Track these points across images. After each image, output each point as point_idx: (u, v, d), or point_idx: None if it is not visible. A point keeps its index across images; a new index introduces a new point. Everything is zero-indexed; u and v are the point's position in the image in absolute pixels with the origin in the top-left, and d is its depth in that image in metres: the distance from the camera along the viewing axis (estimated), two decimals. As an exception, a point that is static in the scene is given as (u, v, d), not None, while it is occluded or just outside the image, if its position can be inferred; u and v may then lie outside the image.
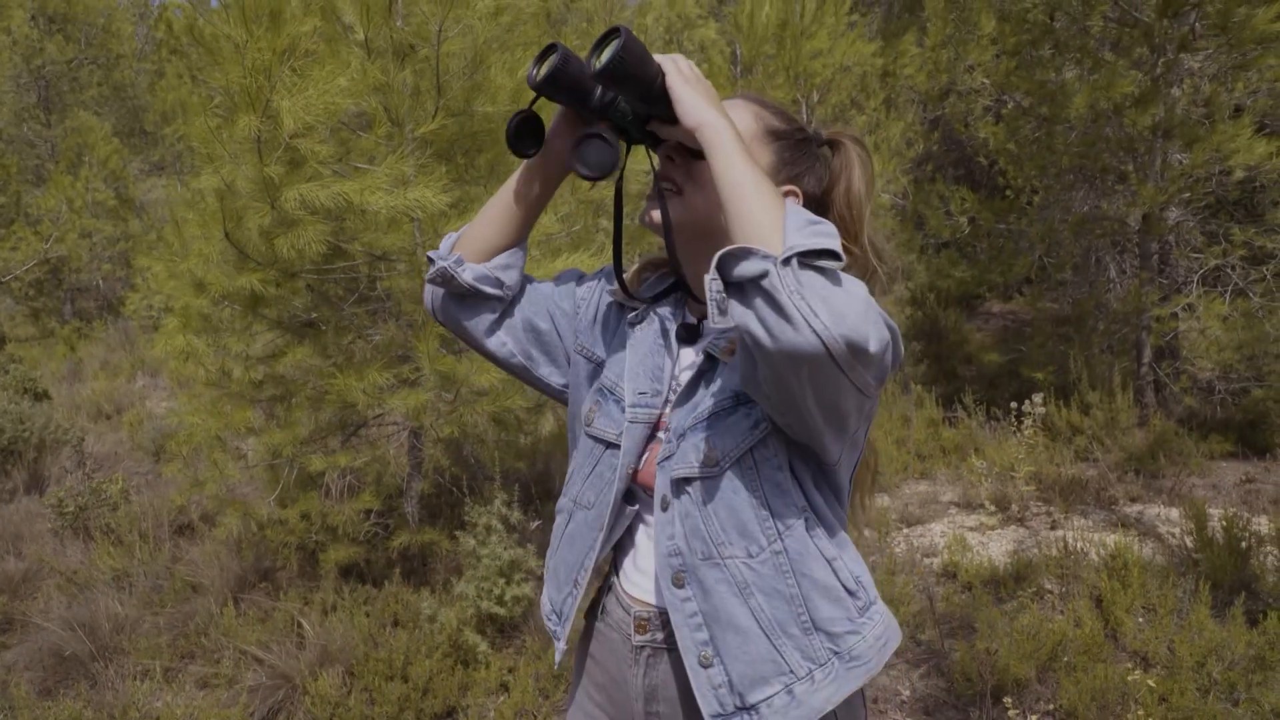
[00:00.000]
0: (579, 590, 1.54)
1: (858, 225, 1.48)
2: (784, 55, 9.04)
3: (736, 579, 1.37)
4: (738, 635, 1.36)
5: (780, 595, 1.37)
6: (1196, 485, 5.84)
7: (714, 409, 1.40)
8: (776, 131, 1.49)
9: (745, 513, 1.37)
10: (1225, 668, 3.39)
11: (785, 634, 1.37)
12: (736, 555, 1.37)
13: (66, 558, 5.45)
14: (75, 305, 16.77)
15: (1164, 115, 6.74)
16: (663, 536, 1.41)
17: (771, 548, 1.37)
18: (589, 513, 1.52)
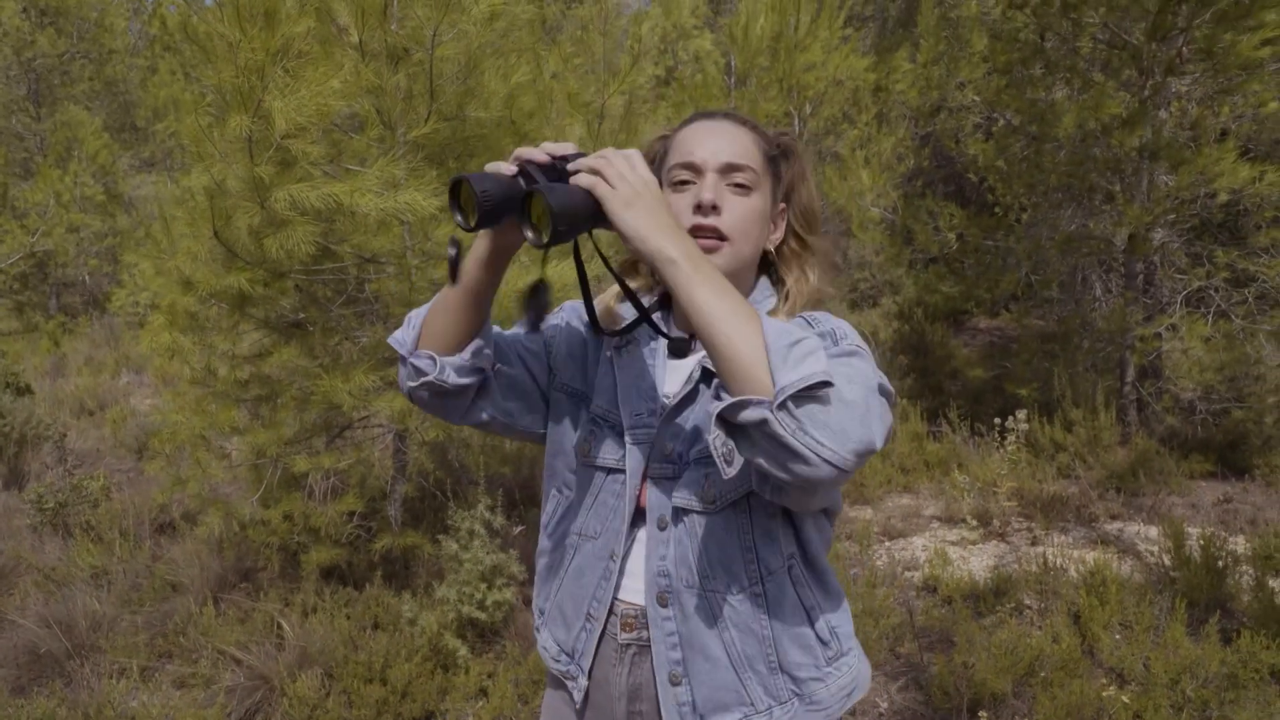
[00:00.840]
0: (595, 624, 1.51)
1: (817, 221, 1.56)
2: (778, 67, 9.08)
3: (715, 611, 1.44)
4: (708, 662, 1.44)
5: (753, 634, 1.44)
6: (1176, 504, 5.88)
7: None
8: (769, 154, 1.51)
9: (732, 552, 1.44)
10: (1199, 685, 3.42)
11: (752, 669, 1.45)
12: (719, 590, 1.44)
13: (45, 554, 5.42)
14: (60, 300, 16.68)
15: (1151, 137, 6.80)
16: (654, 555, 1.46)
17: (752, 589, 1.44)
18: (596, 542, 1.52)
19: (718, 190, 1.43)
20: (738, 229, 1.44)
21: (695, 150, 1.47)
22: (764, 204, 1.49)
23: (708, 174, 1.44)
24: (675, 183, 1.47)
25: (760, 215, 1.48)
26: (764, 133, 1.54)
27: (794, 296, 1.50)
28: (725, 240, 1.43)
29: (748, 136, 1.50)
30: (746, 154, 1.47)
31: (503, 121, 4.53)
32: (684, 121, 1.55)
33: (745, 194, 1.45)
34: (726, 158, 1.45)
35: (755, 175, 1.47)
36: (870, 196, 8.97)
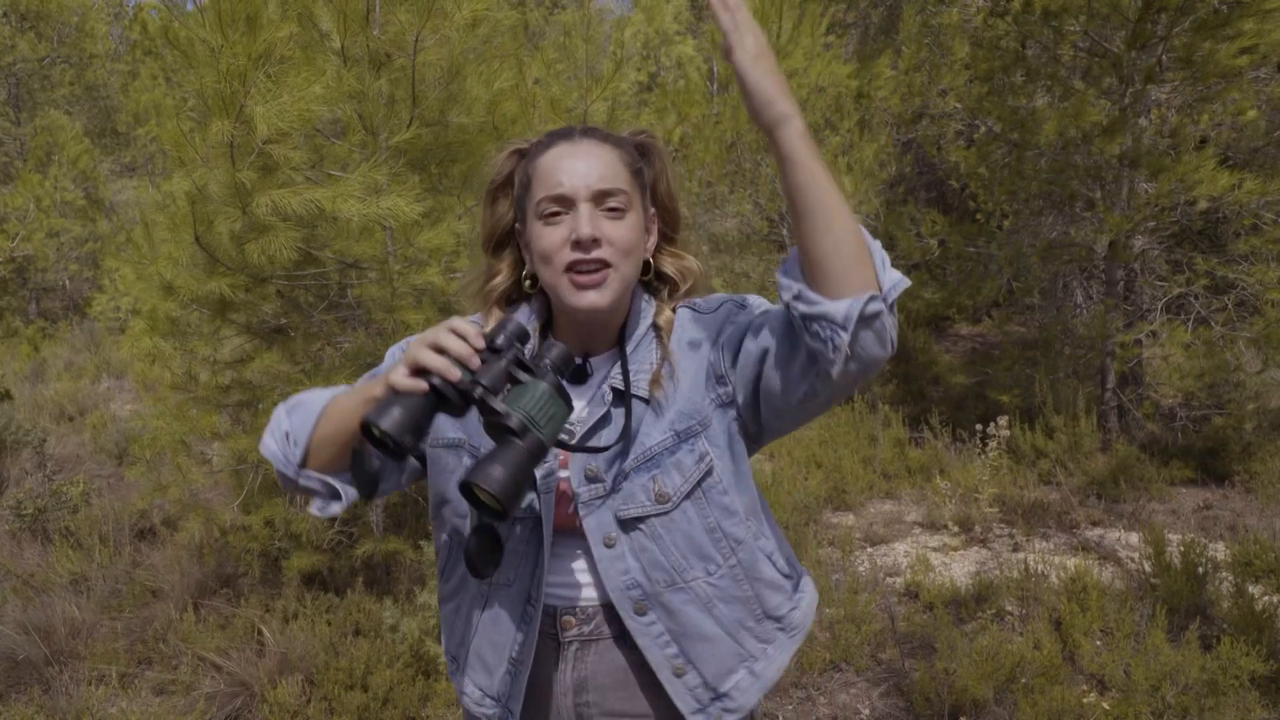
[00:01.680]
0: (521, 666, 1.48)
1: (678, 219, 1.55)
2: (760, 74, 9.09)
3: (701, 596, 1.47)
4: (706, 643, 1.47)
5: (738, 600, 1.50)
6: (1157, 511, 5.92)
7: (656, 449, 1.44)
8: (633, 167, 1.48)
9: (700, 538, 1.46)
10: (1179, 692, 3.44)
11: (744, 628, 1.50)
12: (698, 576, 1.47)
13: (24, 560, 5.37)
14: (40, 305, 16.59)
15: (1131, 144, 6.86)
16: (614, 572, 1.45)
17: (728, 563, 1.49)
18: (510, 589, 1.48)
19: (594, 222, 1.39)
20: (620, 253, 1.41)
21: (563, 179, 1.40)
22: (639, 219, 1.45)
23: (580, 204, 1.39)
24: (545, 215, 1.41)
25: (638, 232, 1.45)
26: (624, 142, 1.49)
27: (681, 285, 1.52)
28: (610, 266, 1.39)
29: (612, 154, 1.45)
30: (615, 175, 1.43)
31: (485, 127, 4.53)
32: (541, 144, 1.48)
33: (620, 216, 1.41)
34: (598, 184, 1.40)
35: (627, 196, 1.43)
36: (852, 203, 8.99)
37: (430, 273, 4.31)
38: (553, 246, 1.39)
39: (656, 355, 1.47)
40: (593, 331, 1.49)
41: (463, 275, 3.63)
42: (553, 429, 1.25)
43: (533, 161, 1.46)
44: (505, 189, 1.52)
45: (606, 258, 1.38)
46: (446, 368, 1.22)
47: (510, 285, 1.54)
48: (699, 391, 1.46)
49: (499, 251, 1.55)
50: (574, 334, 1.49)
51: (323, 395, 1.45)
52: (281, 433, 1.42)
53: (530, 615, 1.47)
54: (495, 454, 1.21)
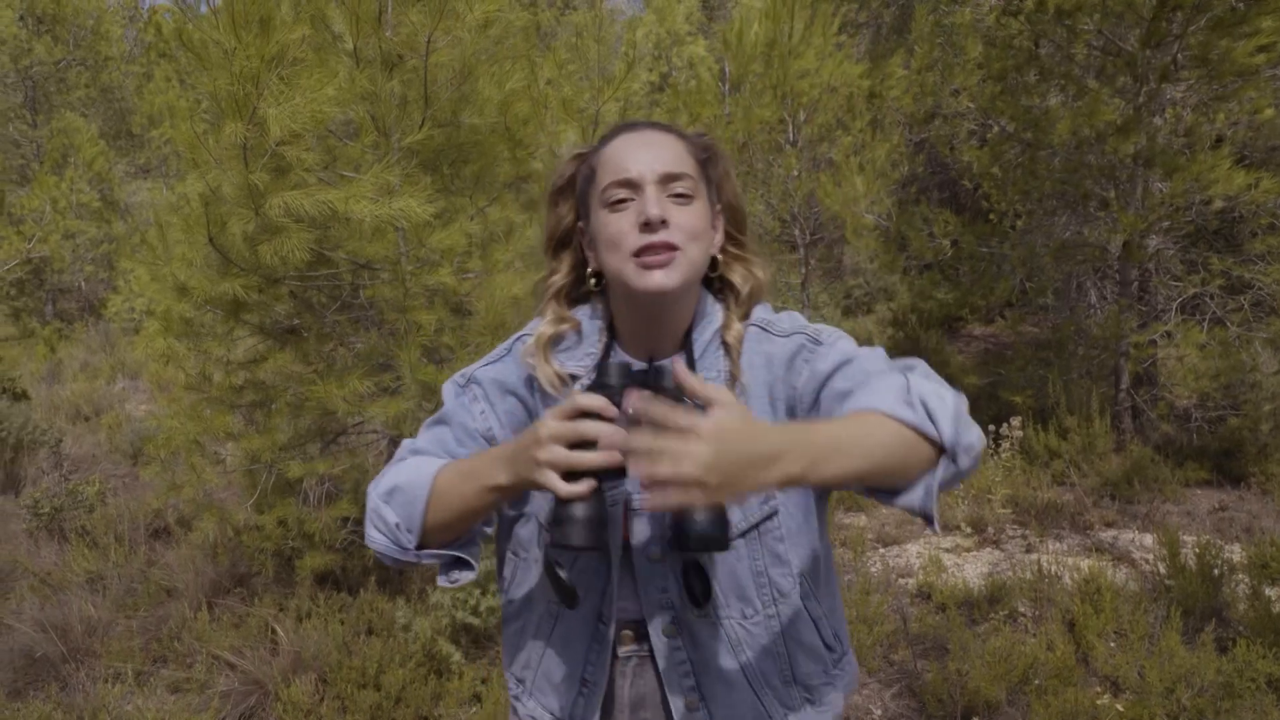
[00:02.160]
0: (594, 687, 1.44)
1: (745, 218, 1.51)
2: (772, 74, 9.10)
3: (730, 637, 1.41)
4: (725, 686, 1.41)
5: (769, 653, 1.43)
6: (1171, 512, 5.89)
7: None
8: (699, 159, 1.45)
9: (745, 579, 1.40)
10: (1194, 694, 3.42)
11: (768, 685, 1.43)
12: (733, 616, 1.41)
13: (41, 559, 5.42)
14: (57, 306, 16.70)
15: (1145, 144, 6.82)
16: (653, 587, 1.41)
17: (765, 612, 1.42)
18: (581, 608, 1.43)
19: (661, 203, 1.35)
20: (688, 237, 1.37)
21: (629, 165, 1.38)
22: (706, 209, 1.42)
23: (647, 187, 1.36)
24: (612, 202, 1.38)
25: (705, 221, 1.41)
26: (689, 137, 1.47)
27: (746, 296, 1.47)
28: (678, 249, 1.35)
29: (678, 143, 1.43)
30: (682, 161, 1.40)
31: (497, 128, 4.54)
32: (604, 138, 1.46)
33: (687, 202, 1.38)
34: (664, 168, 1.38)
35: (694, 182, 1.40)
36: (864, 203, 8.98)
37: (442, 273, 4.32)
38: (620, 232, 1.36)
39: (724, 366, 1.43)
40: (659, 328, 1.44)
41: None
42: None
43: (597, 154, 1.44)
44: (567, 191, 1.50)
45: (674, 240, 1.34)
46: (612, 460, 1.17)
47: (569, 282, 1.50)
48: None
49: (559, 252, 1.52)
50: (639, 333, 1.45)
51: (419, 475, 1.38)
52: (389, 524, 1.37)
53: (603, 634, 1.42)
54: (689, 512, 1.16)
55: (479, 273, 4.54)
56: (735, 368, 1.42)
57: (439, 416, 1.52)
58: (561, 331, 1.47)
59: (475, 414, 1.49)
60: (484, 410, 1.49)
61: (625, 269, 1.36)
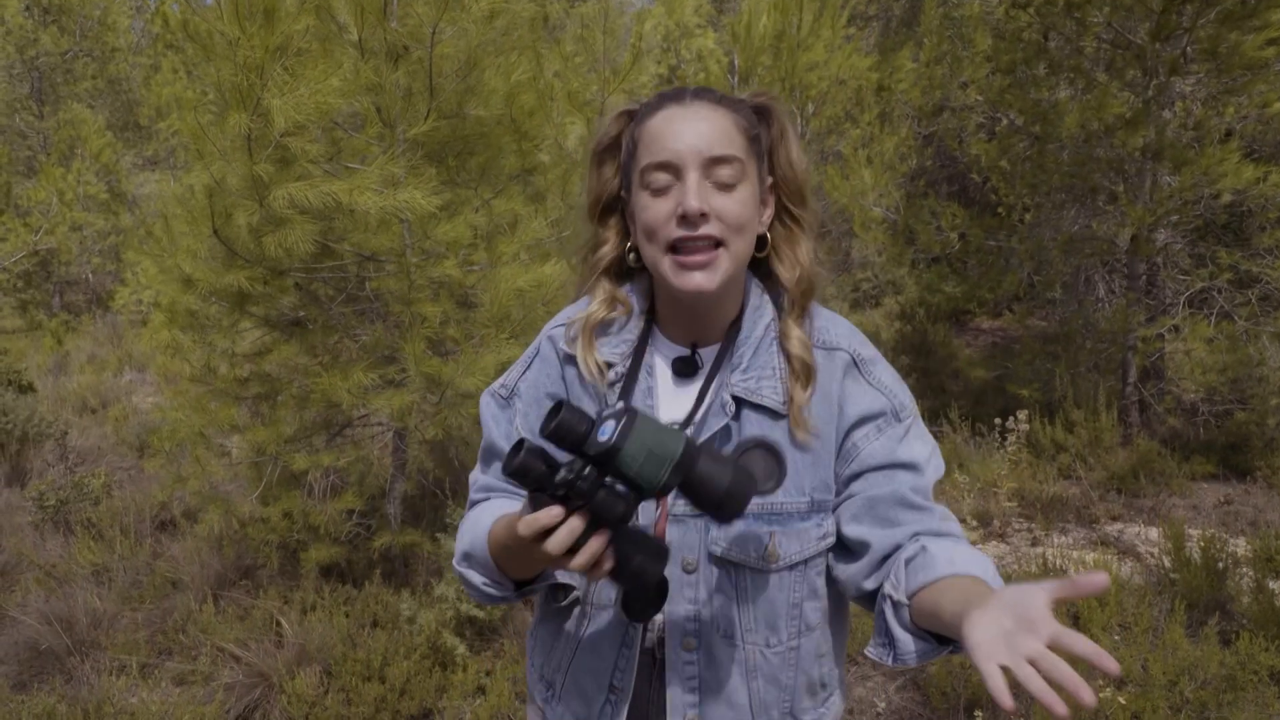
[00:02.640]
0: (622, 694, 1.38)
1: (805, 187, 1.38)
2: (780, 66, 9.08)
3: (749, 662, 1.36)
4: (730, 710, 1.37)
5: (777, 684, 1.38)
6: (1177, 505, 5.87)
7: (789, 508, 1.33)
8: (749, 133, 1.33)
9: (780, 609, 1.36)
10: (1197, 687, 3.41)
11: (766, 715, 1.39)
12: (756, 643, 1.36)
13: (46, 551, 5.42)
14: (64, 298, 16.73)
15: (1154, 137, 6.79)
16: (681, 597, 1.34)
17: (789, 644, 1.38)
18: (610, 611, 1.38)
19: (703, 194, 1.26)
20: (732, 229, 1.27)
21: (671, 146, 1.27)
22: (754, 190, 1.31)
23: (688, 174, 1.26)
24: (650, 186, 1.29)
25: (753, 206, 1.31)
26: (740, 105, 1.34)
27: (796, 295, 1.36)
28: (721, 245, 1.27)
29: (726, 118, 1.30)
30: (728, 141, 1.28)
31: (503, 119, 4.53)
32: (649, 105, 1.35)
33: (733, 190, 1.28)
34: (708, 150, 1.27)
35: (741, 165, 1.28)
36: (873, 196, 8.96)
37: (448, 265, 4.31)
38: (657, 221, 1.28)
39: (782, 372, 1.34)
40: (702, 318, 1.36)
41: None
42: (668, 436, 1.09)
43: (640, 125, 1.33)
44: (612, 151, 1.39)
45: (716, 234, 1.26)
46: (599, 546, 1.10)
47: (617, 256, 1.41)
48: (831, 458, 1.35)
49: (605, 219, 1.42)
50: (680, 319, 1.38)
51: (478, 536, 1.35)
52: (479, 586, 1.38)
53: (631, 639, 1.37)
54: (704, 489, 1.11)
55: (484, 265, 4.53)
56: (801, 384, 1.32)
57: (489, 444, 1.48)
58: (613, 317, 1.39)
59: (514, 432, 1.45)
60: (519, 426, 1.45)
61: (662, 264, 1.29)
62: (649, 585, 1.14)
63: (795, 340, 1.34)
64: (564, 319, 1.44)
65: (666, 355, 1.40)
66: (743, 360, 1.34)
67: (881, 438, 1.33)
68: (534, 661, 1.53)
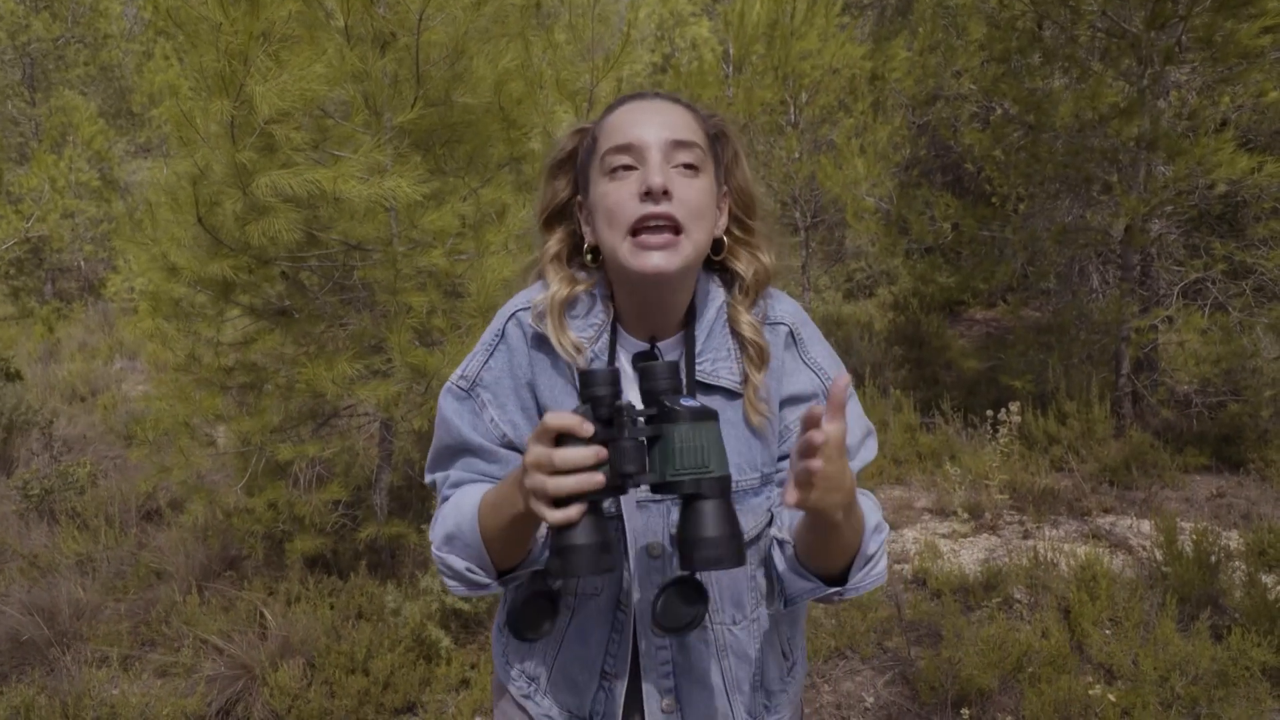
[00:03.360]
0: (616, 680, 1.38)
1: (755, 204, 1.43)
2: (774, 55, 9.03)
3: (718, 641, 1.39)
4: (704, 691, 1.39)
5: (746, 658, 1.41)
6: (1169, 498, 5.85)
7: (741, 484, 1.34)
8: (709, 133, 1.37)
9: (741, 585, 1.39)
10: (1188, 683, 3.39)
11: (739, 691, 1.41)
12: (724, 621, 1.39)
13: (30, 541, 5.38)
14: (56, 285, 16.65)
15: (1149, 127, 6.75)
16: (649, 584, 1.35)
17: (751, 615, 1.41)
18: (599, 599, 1.38)
19: (665, 172, 1.27)
20: (692, 215, 1.28)
21: (634, 129, 1.29)
22: (712, 186, 1.34)
23: (651, 154, 1.27)
24: (613, 169, 1.29)
25: (711, 198, 1.33)
26: (699, 110, 1.38)
27: (750, 284, 1.39)
28: (681, 231, 1.27)
29: (687, 113, 1.34)
30: (691, 130, 1.32)
31: (491, 107, 4.47)
32: (608, 108, 1.38)
33: (694, 175, 1.30)
34: (671, 134, 1.29)
35: (702, 153, 1.31)
36: (865, 186, 8.91)
37: (435, 255, 4.27)
38: (618, 202, 1.28)
39: (735, 354, 1.37)
40: (657, 307, 1.37)
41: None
42: (721, 457, 1.11)
43: (599, 124, 1.36)
44: (566, 165, 1.42)
45: (677, 215, 1.26)
46: (589, 483, 1.09)
47: (564, 249, 1.42)
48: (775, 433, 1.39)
49: (552, 225, 1.44)
50: (638, 313, 1.38)
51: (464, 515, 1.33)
52: (459, 571, 1.35)
53: (622, 623, 1.37)
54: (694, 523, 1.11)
55: (472, 255, 4.49)
56: (755, 365, 1.35)
57: (456, 439, 1.43)
58: (576, 293, 1.38)
59: (486, 424, 1.41)
60: (494, 418, 1.41)
61: (621, 248, 1.29)
62: (571, 572, 1.12)
63: (745, 324, 1.37)
64: (523, 302, 1.42)
65: (627, 350, 1.40)
66: (698, 343, 1.36)
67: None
68: (513, 658, 1.50)
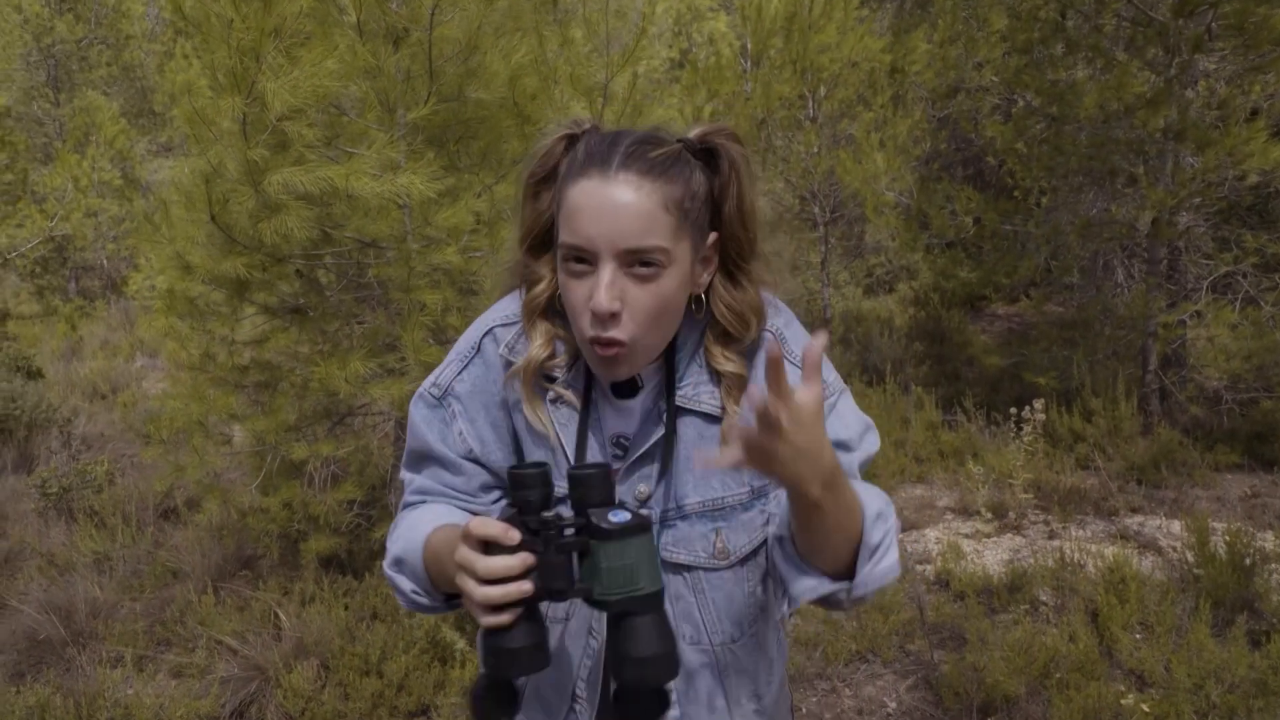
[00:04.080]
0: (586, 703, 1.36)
1: (755, 238, 1.30)
2: (792, 48, 8.94)
3: (720, 661, 1.36)
4: (711, 714, 1.36)
5: (746, 673, 1.39)
6: (1200, 497, 5.73)
7: (729, 501, 1.32)
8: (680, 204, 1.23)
9: (740, 601, 1.35)
10: (1225, 691, 3.29)
11: (739, 706, 1.39)
12: (725, 641, 1.36)
13: (49, 539, 5.39)
14: (79, 284, 16.76)
15: (1176, 117, 6.62)
16: None
17: (750, 631, 1.38)
18: (570, 624, 1.36)
19: (614, 290, 1.19)
20: (642, 326, 1.21)
21: (585, 230, 1.19)
22: (681, 272, 1.24)
23: (604, 265, 1.19)
24: (567, 260, 1.22)
25: (675, 292, 1.24)
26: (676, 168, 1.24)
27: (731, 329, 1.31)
28: (626, 346, 1.21)
29: (652, 197, 1.20)
30: (652, 228, 1.19)
31: (505, 103, 4.42)
32: (577, 163, 1.24)
33: (652, 278, 1.21)
34: (624, 243, 1.18)
35: (665, 252, 1.20)
36: (885, 180, 8.81)
37: (448, 252, 4.22)
38: (575, 305, 1.22)
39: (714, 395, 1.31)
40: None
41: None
42: (653, 573, 1.08)
43: (564, 187, 1.24)
44: (549, 182, 1.31)
45: (623, 337, 1.20)
46: (517, 592, 1.06)
47: (551, 294, 1.33)
48: None
49: (538, 253, 1.34)
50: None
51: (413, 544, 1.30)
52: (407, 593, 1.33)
53: (591, 649, 1.35)
54: (624, 641, 1.07)
55: (486, 251, 4.44)
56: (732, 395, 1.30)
57: (422, 447, 1.40)
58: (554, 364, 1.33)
59: (454, 436, 1.37)
60: (462, 431, 1.37)
61: (583, 345, 1.25)
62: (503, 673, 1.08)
63: (720, 358, 1.31)
64: (500, 318, 1.38)
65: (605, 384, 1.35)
66: (678, 369, 1.32)
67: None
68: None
